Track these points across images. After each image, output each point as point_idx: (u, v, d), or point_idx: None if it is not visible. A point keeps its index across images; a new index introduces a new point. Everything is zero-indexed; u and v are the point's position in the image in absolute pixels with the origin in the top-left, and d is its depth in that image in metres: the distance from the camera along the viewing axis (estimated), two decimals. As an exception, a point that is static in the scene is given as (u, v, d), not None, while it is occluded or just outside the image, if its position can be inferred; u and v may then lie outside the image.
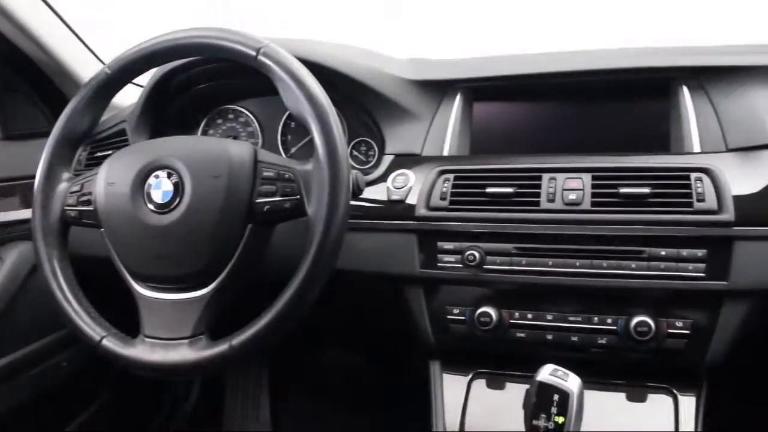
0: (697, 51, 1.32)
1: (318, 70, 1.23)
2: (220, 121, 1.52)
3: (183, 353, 1.00)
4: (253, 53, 1.03)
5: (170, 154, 1.04)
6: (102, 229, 1.08)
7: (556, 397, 0.95)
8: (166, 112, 1.47)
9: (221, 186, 1.01)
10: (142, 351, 1.02)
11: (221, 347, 0.99)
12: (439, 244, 1.19)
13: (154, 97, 1.43)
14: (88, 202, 1.10)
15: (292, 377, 2.04)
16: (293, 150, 1.47)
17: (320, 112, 1.00)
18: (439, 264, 1.19)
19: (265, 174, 1.03)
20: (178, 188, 1.02)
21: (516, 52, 1.45)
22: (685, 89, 1.24)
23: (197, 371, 1.05)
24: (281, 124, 1.47)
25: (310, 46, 1.35)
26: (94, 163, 1.42)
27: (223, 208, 1.00)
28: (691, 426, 1.13)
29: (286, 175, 1.02)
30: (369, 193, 1.26)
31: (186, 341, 1.01)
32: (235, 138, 1.50)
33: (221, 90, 1.49)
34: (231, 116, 1.52)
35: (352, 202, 1.18)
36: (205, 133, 1.53)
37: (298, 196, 1.01)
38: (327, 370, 2.02)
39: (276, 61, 1.03)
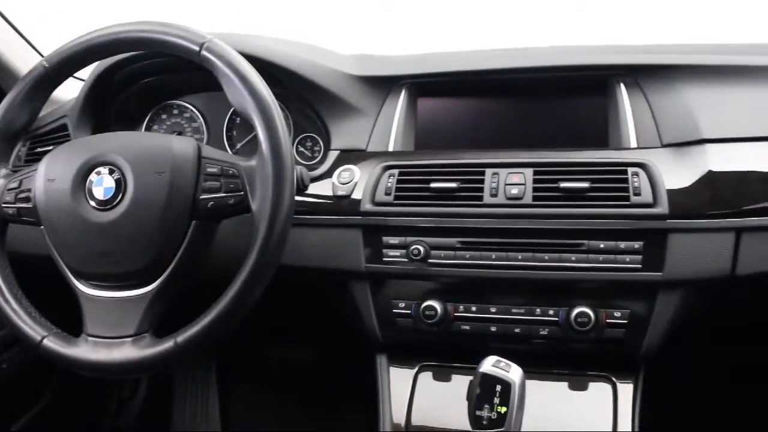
0: (634, 50, 1.36)
1: (262, 65, 1.23)
2: (164, 116, 1.50)
3: (126, 352, 0.99)
4: (196, 48, 1.02)
5: (112, 150, 1.03)
6: (42, 227, 1.06)
7: (498, 387, 0.97)
8: (108, 107, 1.44)
9: (164, 182, 1.00)
10: (85, 350, 1.01)
11: (166, 345, 0.98)
12: (384, 238, 1.21)
13: (95, 91, 1.40)
14: (27, 199, 1.07)
15: (241, 374, 2.03)
16: (239, 146, 1.46)
17: (263, 108, 1.00)
18: (384, 259, 1.21)
19: (209, 170, 1.03)
20: (121, 185, 1.01)
21: (462, 48, 1.48)
22: (622, 87, 1.27)
23: (142, 370, 1.04)
24: (227, 119, 1.46)
25: (254, 41, 1.34)
26: (34, 158, 1.39)
27: (166, 205, 1.00)
28: (629, 412, 1.17)
29: (230, 171, 1.02)
30: (314, 188, 1.27)
31: (129, 339, 1.00)
32: (179, 134, 1.48)
33: (166, 85, 1.47)
34: (176, 111, 1.50)
35: (297, 198, 1.19)
36: (149, 128, 1.51)
37: (242, 192, 1.01)
38: (276, 366, 2.01)
39: (219, 56, 1.02)
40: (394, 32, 1.93)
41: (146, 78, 1.44)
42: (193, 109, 1.48)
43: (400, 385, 1.26)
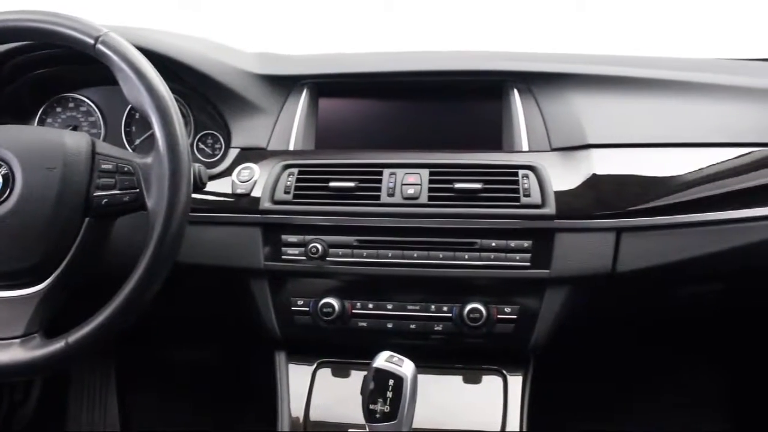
0: (528, 57, 1.41)
1: (161, 61, 1.22)
2: (59, 109, 1.45)
3: (14, 353, 0.97)
4: (91, 42, 1.00)
5: (0, 144, 1.00)
6: None
7: (391, 382, 0.99)
8: (-2, 98, 1.39)
9: (55, 178, 0.98)
10: None
11: (56, 346, 0.96)
12: (284, 237, 1.22)
13: (-17, 81, 1.35)
14: None
15: (140, 374, 1.98)
16: (138, 141, 1.43)
17: (160, 105, 0.99)
18: (283, 257, 1.22)
19: (104, 166, 1.01)
20: (8, 180, 0.98)
21: (365, 50, 1.50)
22: (515, 92, 1.32)
23: (31, 372, 1.01)
24: (125, 114, 1.43)
25: (153, 35, 1.32)
26: None
27: (57, 201, 0.98)
28: (518, 403, 1.22)
29: (126, 168, 1.01)
30: (214, 186, 1.26)
31: (17, 341, 0.97)
32: (75, 128, 1.43)
33: (61, 77, 1.42)
34: (71, 105, 1.45)
35: (196, 196, 1.19)
36: (42, 122, 1.45)
37: (138, 190, 1.00)
38: (177, 365, 1.98)
39: (115, 50, 1.00)
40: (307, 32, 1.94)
41: (39, 69, 1.39)
42: (90, 103, 1.44)
43: (298, 382, 1.27)
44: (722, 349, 1.90)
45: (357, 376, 1.26)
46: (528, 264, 1.18)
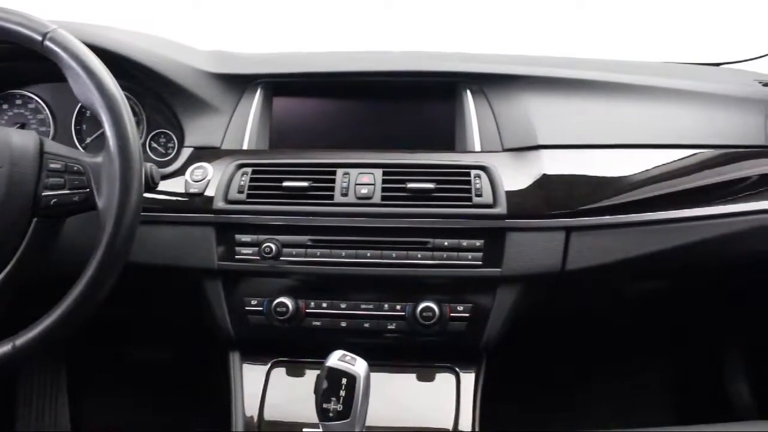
0: (480, 59, 1.43)
1: (112, 58, 1.21)
2: (5, 106, 1.42)
3: None
4: (39, 38, 0.99)
5: None
6: None
7: (344, 380, 1.00)
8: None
9: (2, 178, 0.96)
10: None
11: (3, 349, 0.95)
12: (237, 236, 1.21)
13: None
14: None
15: (93, 374, 1.95)
16: (89, 140, 1.40)
17: (111, 104, 0.98)
18: (236, 256, 1.22)
19: (52, 166, 1.00)
20: None
21: (320, 49, 1.50)
22: (468, 93, 1.34)
23: None
24: (75, 112, 1.40)
25: (104, 32, 1.30)
26: None
27: (3, 201, 0.96)
28: (470, 399, 1.24)
29: (75, 168, 1.00)
30: (167, 185, 1.25)
31: None
32: (22, 126, 1.40)
33: (7, 73, 1.39)
34: (19, 102, 1.42)
35: (148, 195, 1.18)
36: None
37: (88, 189, 0.99)
38: (130, 365, 1.96)
39: (64, 47, 0.99)
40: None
41: None
42: (39, 100, 1.41)
43: (253, 381, 1.27)
44: (668, 344, 1.96)
45: (311, 375, 1.26)
46: (480, 263, 1.20)
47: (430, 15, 1.97)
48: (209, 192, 1.23)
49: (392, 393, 1.23)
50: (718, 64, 1.70)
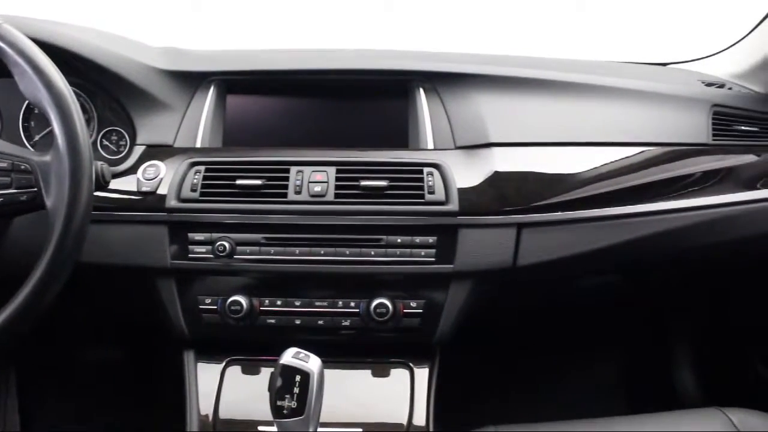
0: (434, 57, 1.45)
1: (61, 54, 1.19)
2: None
3: None
4: None
5: None
6: None
7: (297, 377, 1.00)
8: None
9: None
10: None
11: None
12: (190, 235, 1.21)
13: None
14: None
15: (44, 374, 1.92)
16: (37, 137, 1.38)
17: (59, 101, 0.96)
18: (190, 255, 1.21)
19: None
20: None
21: (274, 46, 1.50)
22: (421, 91, 1.35)
23: None
24: (23, 109, 1.37)
25: (51, 27, 1.27)
26: None
27: None
28: (425, 394, 1.25)
29: (22, 166, 0.98)
30: (118, 184, 1.24)
31: None
32: (-33, 124, 1.38)
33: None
34: None
35: (99, 194, 1.17)
36: None
37: (36, 189, 0.97)
38: (83, 366, 1.93)
39: (9, 43, 0.97)
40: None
41: None
42: None
43: (207, 380, 1.27)
44: (619, 336, 2.01)
45: (266, 373, 1.25)
46: (433, 259, 1.21)
47: (394, 13, 1.98)
48: (162, 190, 1.22)
49: (347, 389, 1.24)
50: (665, 64, 1.75)
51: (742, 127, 1.44)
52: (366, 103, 1.39)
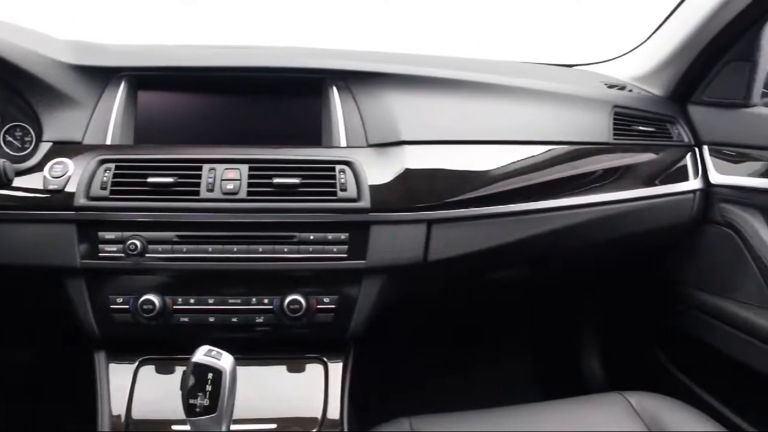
0: (347, 56, 1.47)
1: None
2: None
3: None
4: None
5: None
6: None
7: (210, 375, 1.01)
8: None
9: None
10: None
11: None
12: (101, 234, 1.19)
13: None
14: None
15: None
16: None
17: None
18: (100, 254, 1.19)
19: None
20: None
21: (190, 42, 1.48)
22: (334, 89, 1.37)
23: None
24: None
25: None
26: None
27: None
28: (338, 388, 1.28)
29: None
30: (23, 182, 1.21)
31: None
32: None
33: None
34: None
35: (2, 192, 1.14)
36: None
37: None
38: None
39: None
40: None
41: None
42: None
43: (120, 380, 1.25)
44: (531, 327, 2.08)
45: (180, 372, 1.23)
46: (345, 255, 1.23)
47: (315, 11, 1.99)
48: (70, 188, 1.20)
49: (261, 385, 1.25)
50: (570, 66, 1.83)
51: (641, 128, 1.51)
52: (279, 101, 1.40)
